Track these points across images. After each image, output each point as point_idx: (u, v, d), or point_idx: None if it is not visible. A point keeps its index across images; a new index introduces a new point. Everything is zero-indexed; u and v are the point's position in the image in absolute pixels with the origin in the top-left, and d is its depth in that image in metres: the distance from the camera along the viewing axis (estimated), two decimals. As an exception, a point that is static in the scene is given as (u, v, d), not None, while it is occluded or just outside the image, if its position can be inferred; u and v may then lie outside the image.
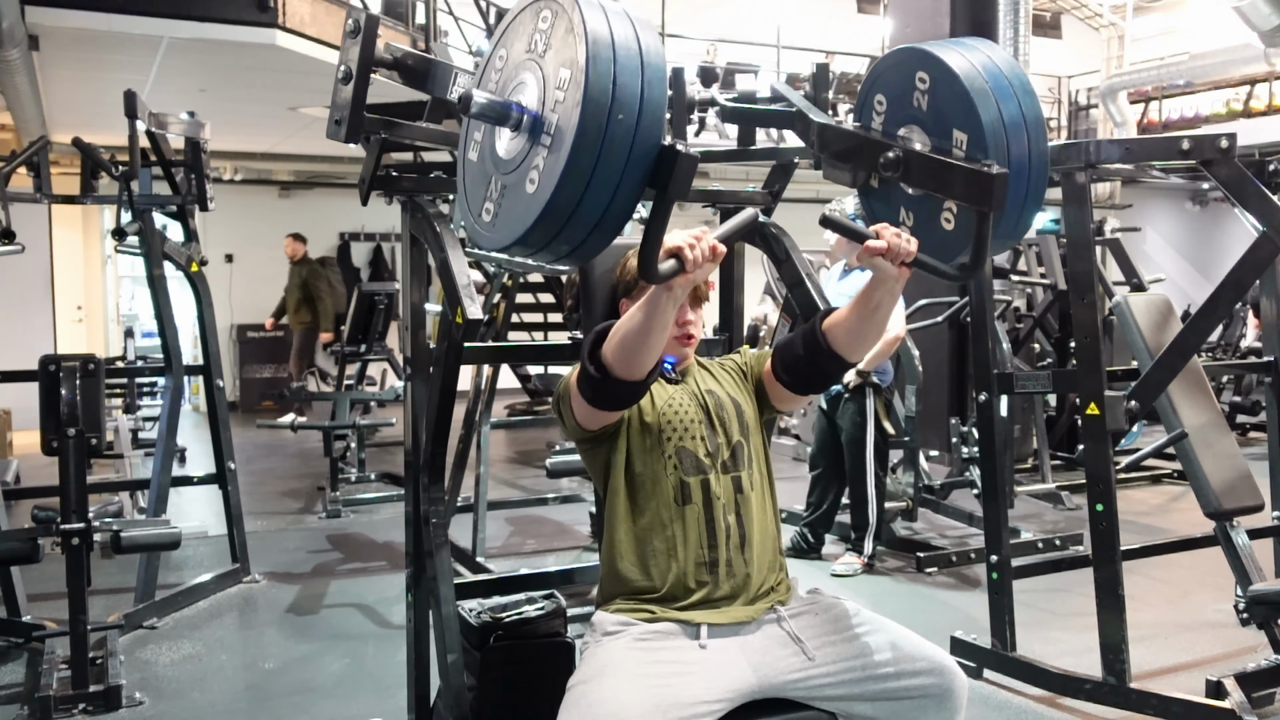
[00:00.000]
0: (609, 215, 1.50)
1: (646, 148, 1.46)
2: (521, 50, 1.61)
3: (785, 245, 2.43)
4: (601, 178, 1.45)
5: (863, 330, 1.85)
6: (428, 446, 2.34)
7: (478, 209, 1.67)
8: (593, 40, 1.44)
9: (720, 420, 1.97)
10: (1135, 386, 2.95)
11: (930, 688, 1.80)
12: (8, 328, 8.70)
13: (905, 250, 1.70)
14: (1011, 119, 1.82)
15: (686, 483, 1.89)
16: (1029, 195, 1.87)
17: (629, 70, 1.45)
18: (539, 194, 1.49)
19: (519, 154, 1.56)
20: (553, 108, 1.49)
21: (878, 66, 2.04)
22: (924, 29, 7.36)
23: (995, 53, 1.90)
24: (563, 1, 1.52)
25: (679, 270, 1.54)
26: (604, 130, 1.42)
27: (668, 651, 1.79)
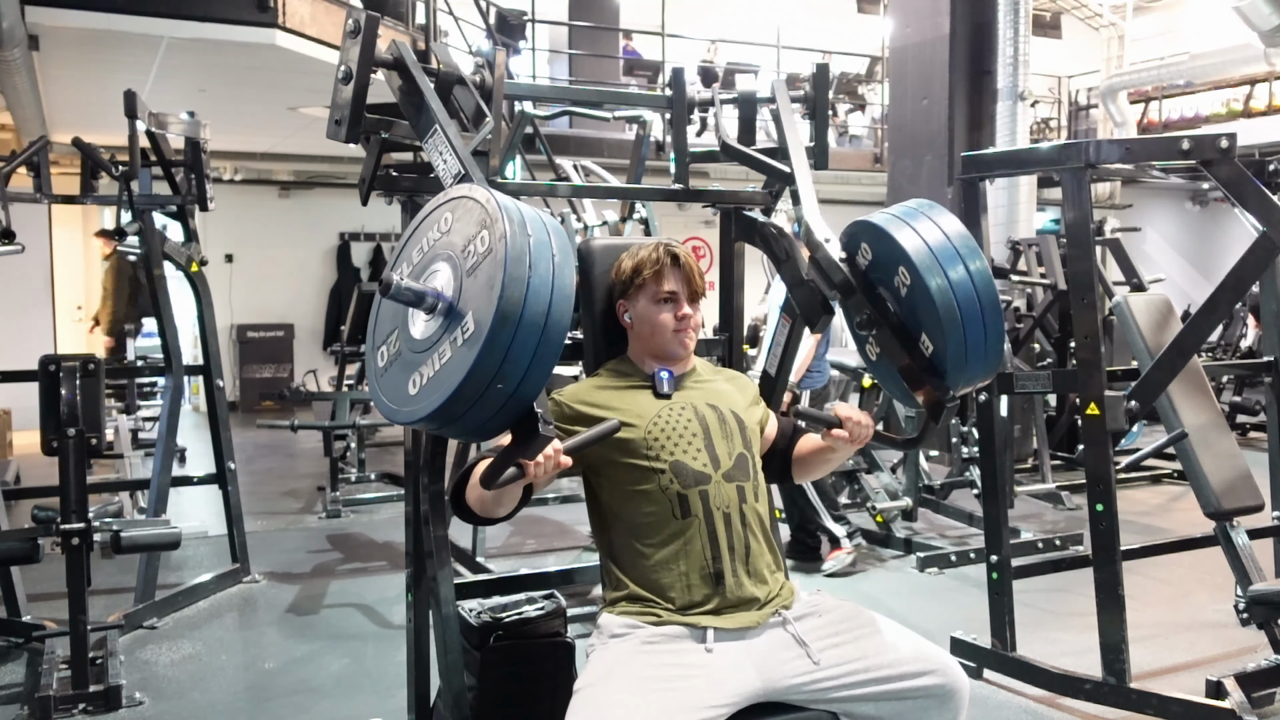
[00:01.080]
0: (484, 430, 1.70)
1: (521, 408, 1.65)
2: (444, 243, 1.74)
3: (785, 245, 2.42)
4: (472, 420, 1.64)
5: (814, 472, 2.19)
6: (428, 446, 2.34)
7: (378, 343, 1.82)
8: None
9: (723, 431, 1.98)
10: (1135, 386, 2.95)
11: (933, 689, 1.81)
12: (8, 328, 8.70)
13: (864, 436, 1.96)
14: (975, 345, 1.94)
15: (685, 495, 1.89)
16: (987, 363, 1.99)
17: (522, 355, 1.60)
18: (441, 381, 1.63)
19: (431, 337, 1.69)
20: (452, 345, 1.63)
21: (870, 227, 2.08)
22: (924, 29, 7.36)
23: (974, 265, 1.97)
24: (489, 210, 1.65)
25: (519, 477, 1.66)
26: (483, 391, 1.59)
27: (674, 655, 1.79)
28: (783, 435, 2.15)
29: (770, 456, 2.13)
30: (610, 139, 8.90)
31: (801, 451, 2.13)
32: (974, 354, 1.95)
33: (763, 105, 2.61)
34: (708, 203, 2.62)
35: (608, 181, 4.48)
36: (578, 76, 10.10)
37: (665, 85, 8.91)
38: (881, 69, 11.19)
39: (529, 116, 3.24)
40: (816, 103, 2.64)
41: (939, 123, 7.28)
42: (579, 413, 1.95)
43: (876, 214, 2.10)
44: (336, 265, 11.41)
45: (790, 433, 2.15)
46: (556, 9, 10.31)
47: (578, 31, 10.32)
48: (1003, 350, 2.03)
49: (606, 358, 2.16)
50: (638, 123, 3.59)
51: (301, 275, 11.25)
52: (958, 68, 7.25)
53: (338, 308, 10.86)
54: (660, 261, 2.05)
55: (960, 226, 2.02)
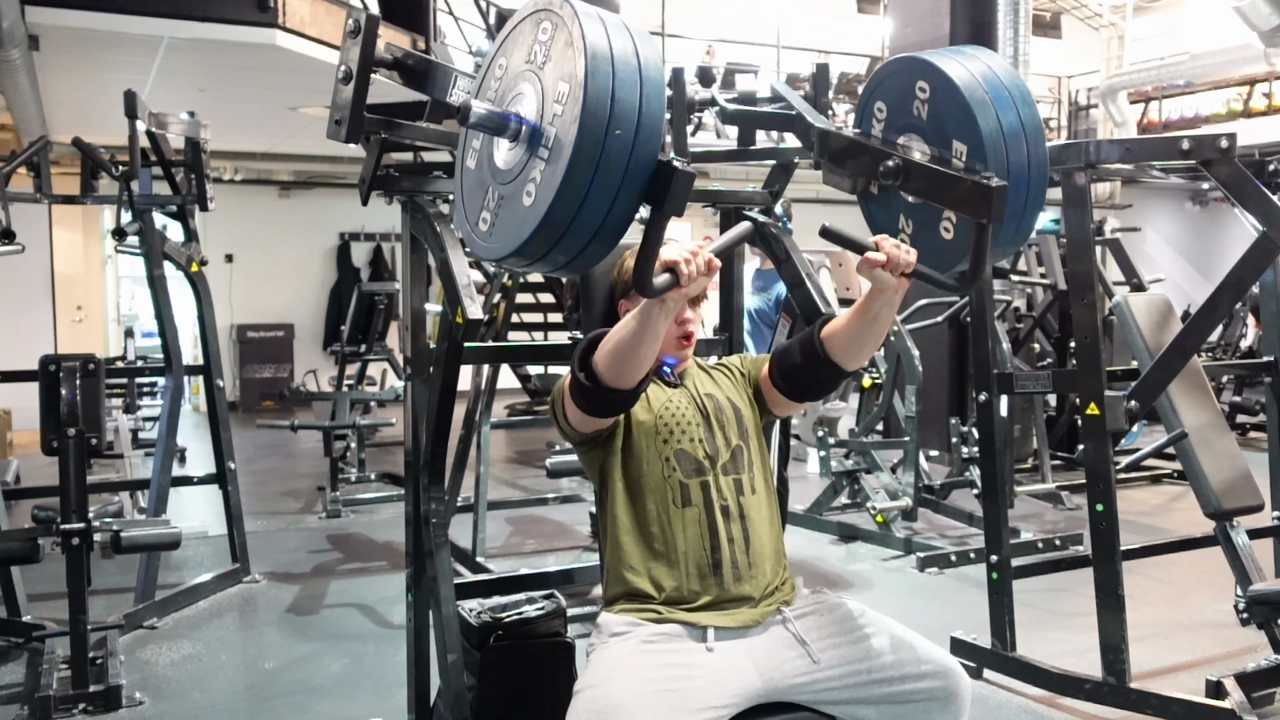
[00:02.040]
0: (605, 228, 1.50)
1: (644, 163, 1.47)
2: (521, 60, 1.61)
3: (785, 245, 2.43)
4: (598, 191, 1.46)
5: (862, 338, 1.86)
6: (428, 446, 2.34)
7: (475, 218, 1.68)
8: (591, 55, 1.44)
9: (719, 423, 1.97)
10: (1135, 386, 2.95)
11: (935, 690, 1.80)
12: (8, 328, 8.70)
13: (904, 261, 1.71)
14: (1010, 128, 1.83)
15: (686, 485, 1.89)
16: (1029, 202, 1.88)
17: (627, 85, 1.45)
18: (536, 205, 1.50)
19: (517, 165, 1.56)
20: (551, 120, 1.50)
21: (878, 74, 2.04)
22: (924, 29, 7.36)
23: (994, 61, 1.90)
24: (563, 14, 1.52)
25: (674, 284, 1.56)
26: (601, 145, 1.43)
27: (675, 654, 1.79)
28: (789, 348, 1.99)
29: (791, 368, 1.96)
30: (610, 139, 8.89)
31: (833, 328, 1.90)
32: (1012, 138, 1.82)
33: (762, 106, 2.61)
34: (708, 203, 2.62)
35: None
36: (578, 76, 10.08)
37: (665, 85, 8.89)
38: (881, 69, 11.18)
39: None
40: (816, 103, 2.64)
41: (939, 123, 7.28)
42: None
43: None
44: (336, 265, 11.41)
45: (805, 339, 1.95)
46: (556, 9, 10.29)
47: (578, 31, 10.31)
48: (1044, 138, 1.88)
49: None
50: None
51: (301, 275, 11.25)
52: (958, 68, 7.25)
53: (338, 308, 10.87)
54: None
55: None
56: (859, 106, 2.08)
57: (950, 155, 1.87)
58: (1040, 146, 1.87)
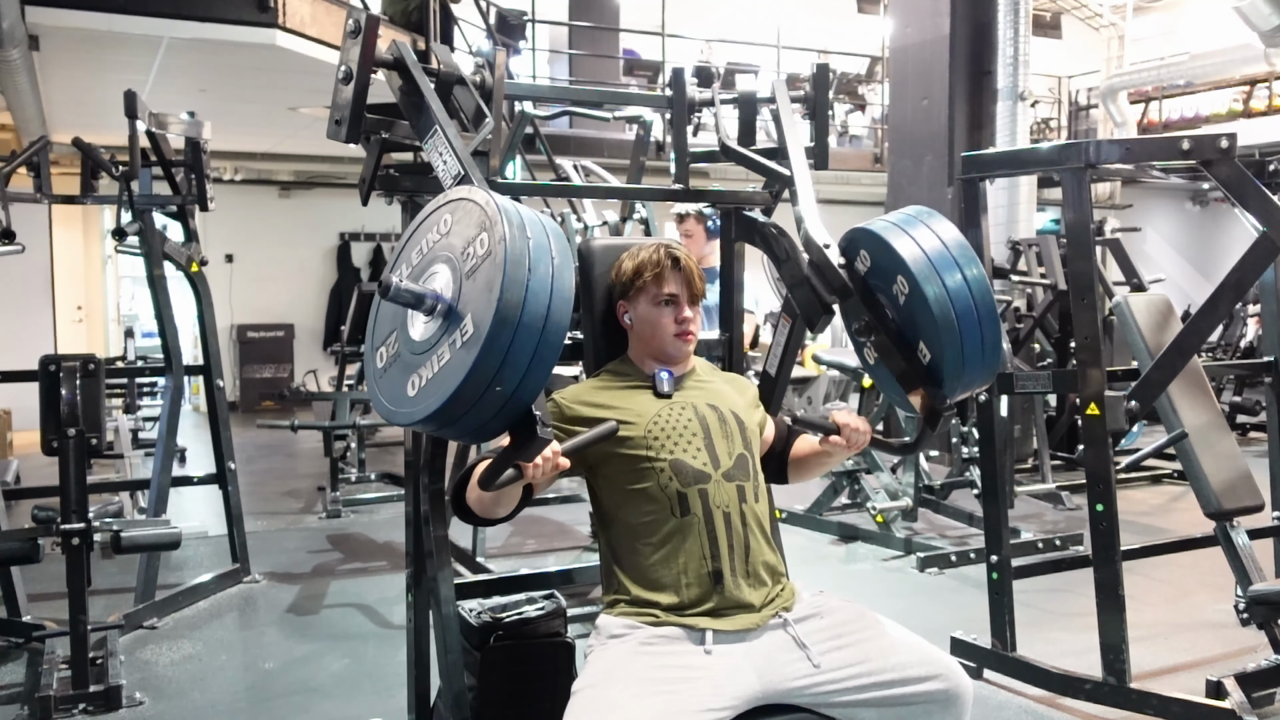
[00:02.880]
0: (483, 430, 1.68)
1: (519, 405, 1.63)
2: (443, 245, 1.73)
3: (785, 245, 2.42)
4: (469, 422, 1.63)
5: (809, 473, 2.22)
6: (428, 446, 2.34)
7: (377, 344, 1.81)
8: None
9: (723, 431, 1.98)
10: (1135, 386, 2.95)
11: (936, 694, 1.80)
12: (8, 328, 8.70)
13: (861, 442, 1.99)
14: (972, 352, 1.95)
15: (684, 494, 1.89)
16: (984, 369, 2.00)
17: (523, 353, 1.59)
18: (444, 381, 1.62)
19: (430, 339, 1.68)
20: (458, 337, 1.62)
21: (868, 234, 2.07)
22: (924, 29, 7.36)
23: (971, 273, 1.96)
24: (496, 247, 1.62)
25: (517, 479, 1.67)
26: (480, 396, 1.58)
27: (674, 657, 1.79)
28: (779, 438, 2.16)
29: (767, 458, 2.14)
30: (610, 139, 8.90)
31: (798, 454, 2.15)
32: (971, 362, 1.96)
33: (763, 105, 2.61)
34: (708, 203, 2.62)
35: (608, 181, 4.48)
36: (578, 76, 10.10)
37: (665, 85, 8.91)
38: (881, 69, 11.19)
39: (529, 116, 3.24)
40: (816, 103, 2.64)
41: (939, 123, 7.29)
42: (578, 414, 1.95)
43: (875, 221, 2.10)
44: (336, 265, 11.41)
45: (786, 435, 2.16)
46: (556, 9, 10.31)
47: (578, 31, 10.32)
48: (1000, 358, 2.04)
49: (606, 358, 2.16)
50: (638, 123, 3.60)
51: (301, 275, 11.25)
52: (958, 68, 7.25)
53: (338, 308, 10.87)
54: (661, 264, 2.05)
55: (958, 234, 2.03)
56: (845, 239, 2.14)
57: (916, 351, 2.02)
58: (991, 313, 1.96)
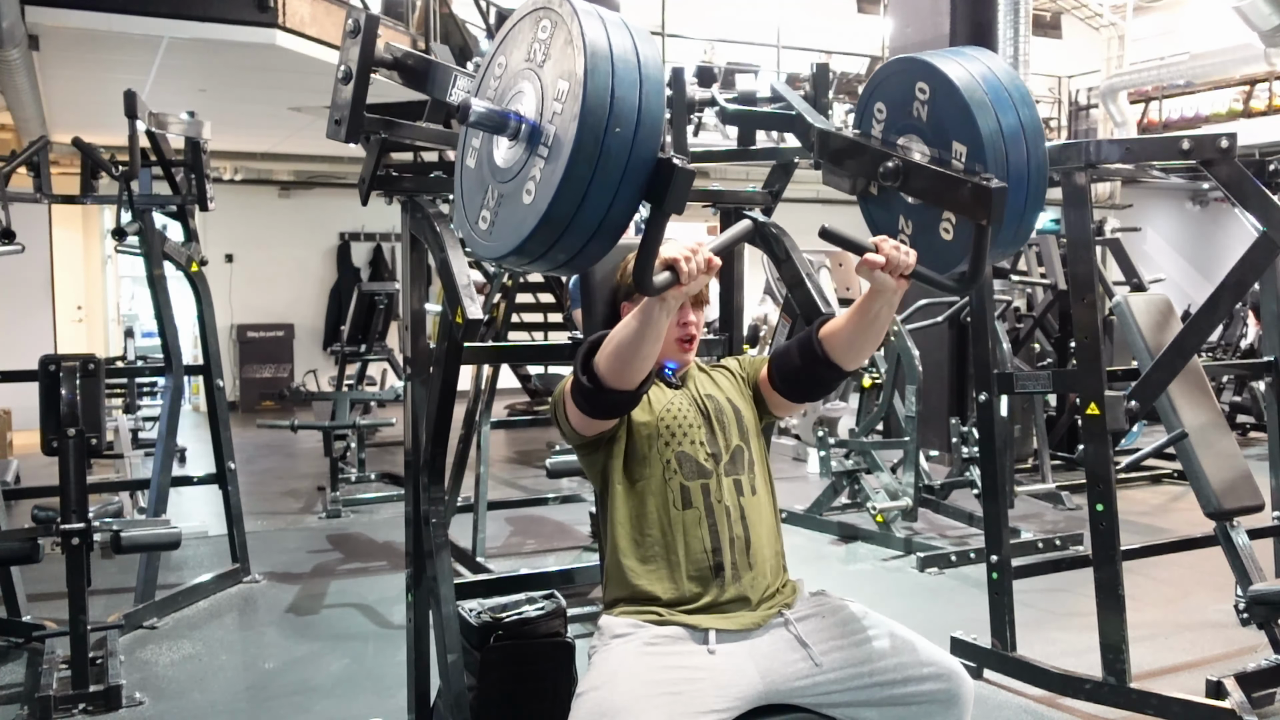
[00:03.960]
0: (605, 226, 1.50)
1: (643, 160, 1.47)
2: (521, 59, 1.61)
3: (785, 245, 2.42)
4: (598, 189, 1.46)
5: (860, 339, 1.86)
6: (428, 446, 2.34)
7: (475, 216, 1.68)
8: (591, 52, 1.44)
9: (720, 424, 1.97)
10: (1135, 386, 2.95)
11: (937, 693, 1.80)
12: (8, 328, 8.70)
13: (904, 263, 1.71)
14: (1010, 129, 1.83)
15: (687, 487, 1.89)
16: (1029, 203, 1.88)
17: (627, 83, 1.45)
18: (536, 204, 1.50)
19: (516, 163, 1.56)
20: (550, 118, 1.50)
21: (878, 75, 2.04)
22: (924, 29, 7.36)
23: (994, 63, 1.91)
24: (562, 11, 1.52)
25: (674, 282, 1.56)
26: (601, 143, 1.43)
27: (677, 657, 1.78)
28: (788, 349, 1.99)
29: (791, 370, 1.96)
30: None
31: (832, 328, 1.90)
32: (1012, 140, 1.82)
33: (763, 105, 2.61)
34: (708, 203, 2.62)
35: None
36: (578, 76, 10.08)
37: (665, 85, 8.88)
38: (881, 69, 11.17)
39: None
40: (816, 103, 2.64)
41: (939, 123, 7.27)
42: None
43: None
44: (336, 265, 11.41)
45: (804, 340, 1.95)
46: (556, 9, 10.29)
47: (578, 31, 10.31)
48: (1043, 140, 1.88)
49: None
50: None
51: (301, 275, 11.25)
52: (958, 68, 7.24)
53: (338, 308, 10.87)
54: None
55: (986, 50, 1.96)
56: (858, 107, 2.08)
57: (950, 156, 1.87)
58: (1040, 147, 1.87)
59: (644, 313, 1.64)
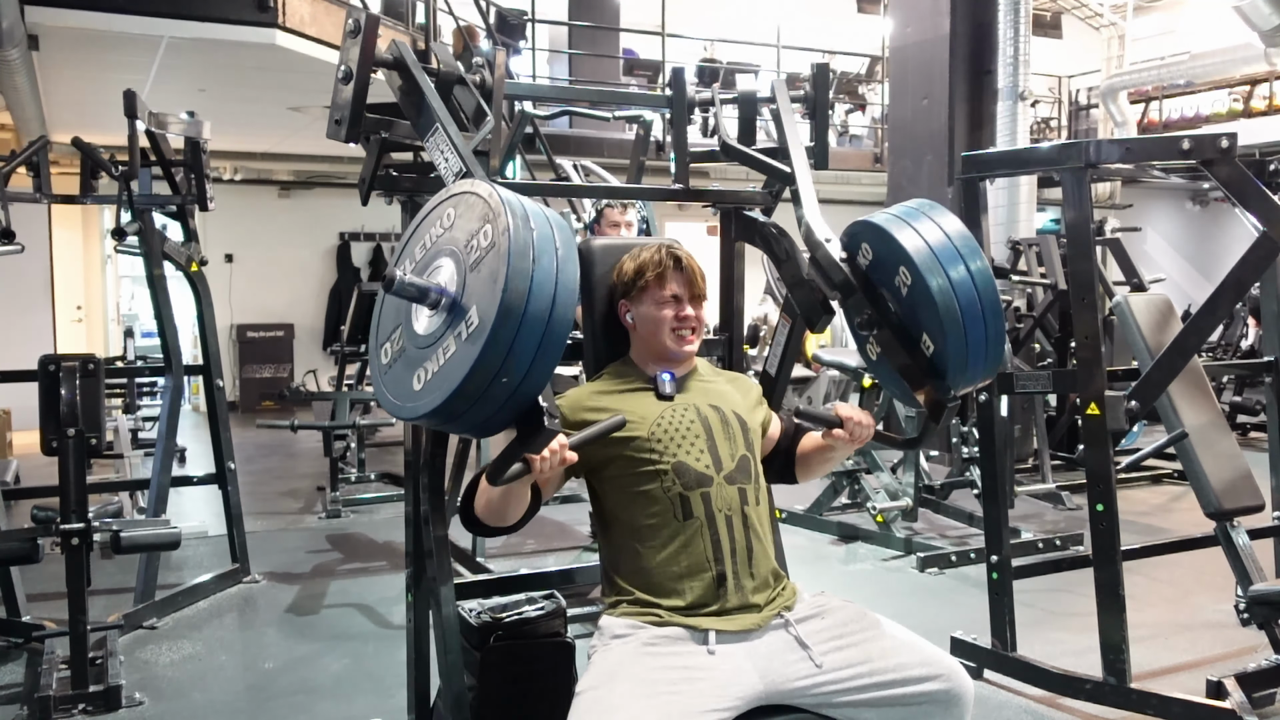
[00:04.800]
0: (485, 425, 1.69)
1: (525, 399, 1.65)
2: (450, 239, 1.74)
3: (785, 245, 2.42)
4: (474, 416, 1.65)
5: (815, 471, 2.18)
6: (428, 446, 2.34)
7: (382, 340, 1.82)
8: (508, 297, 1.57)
9: (726, 433, 1.97)
10: (1135, 386, 2.95)
11: (937, 694, 1.80)
12: (8, 328, 8.70)
13: (864, 436, 1.97)
14: (976, 345, 1.94)
15: (687, 497, 1.88)
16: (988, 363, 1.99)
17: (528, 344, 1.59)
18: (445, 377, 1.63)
19: (435, 333, 1.69)
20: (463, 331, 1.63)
21: (871, 226, 2.07)
22: (924, 29, 7.36)
23: (975, 265, 1.96)
24: (499, 225, 1.63)
25: (524, 473, 1.67)
26: (486, 388, 1.60)
27: (677, 657, 1.79)
28: (785, 435, 2.14)
29: (773, 456, 2.13)
30: (610, 139, 8.90)
31: (804, 450, 2.13)
32: (975, 354, 1.94)
33: (763, 105, 2.60)
34: (708, 203, 2.62)
35: (608, 181, 4.47)
36: (578, 76, 10.10)
37: (665, 85, 8.90)
38: (881, 69, 11.19)
39: (529, 116, 3.24)
40: (816, 103, 2.64)
41: (939, 123, 7.28)
42: (581, 419, 1.94)
43: (877, 214, 2.09)
44: (336, 265, 11.40)
45: (793, 432, 2.14)
46: (556, 9, 10.31)
47: (577, 31, 10.32)
48: (1004, 351, 2.03)
49: (608, 358, 2.16)
50: (638, 123, 3.59)
51: (301, 275, 11.25)
52: (958, 68, 7.25)
53: (338, 308, 10.86)
54: (663, 264, 2.05)
55: (961, 226, 2.02)
56: (847, 233, 2.13)
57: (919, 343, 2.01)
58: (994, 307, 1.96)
59: (499, 489, 1.75)
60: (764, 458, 2.09)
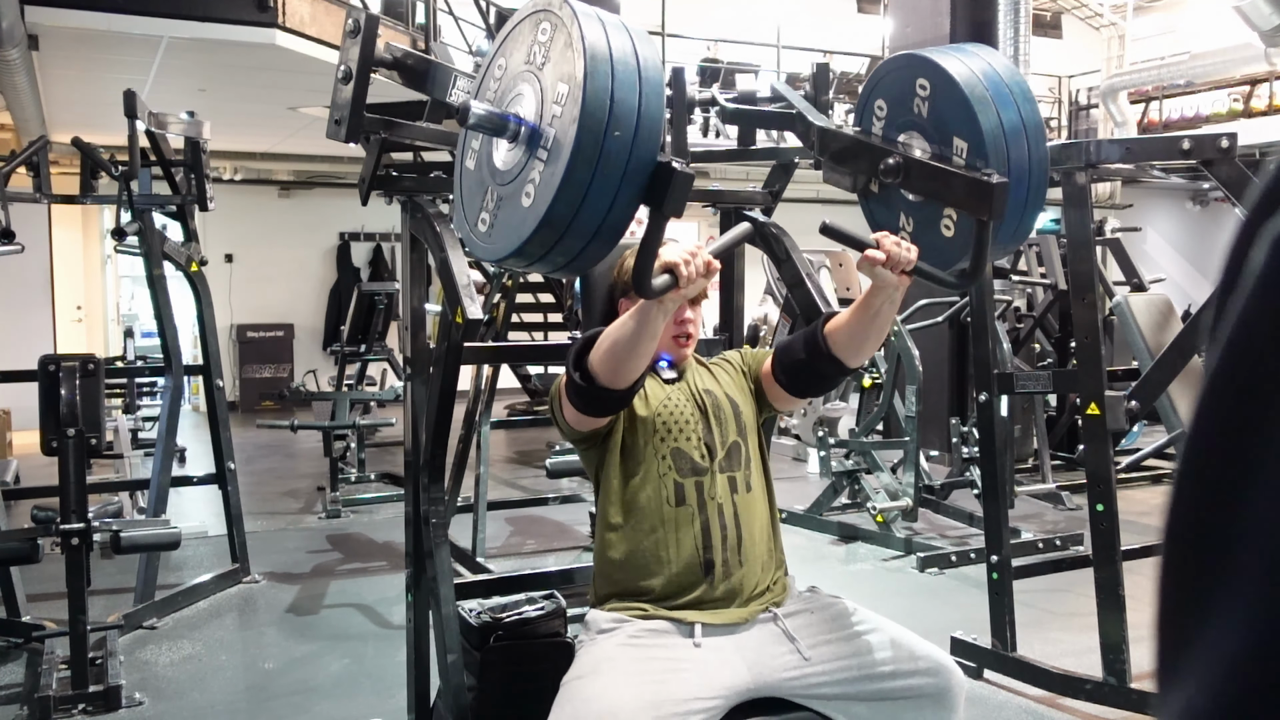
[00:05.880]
0: (604, 228, 1.50)
1: (643, 163, 1.47)
2: (520, 61, 1.61)
3: (785, 245, 2.42)
4: (597, 192, 1.45)
5: (863, 335, 1.85)
6: (428, 446, 2.34)
7: (474, 218, 1.68)
8: (590, 56, 1.44)
9: (717, 419, 1.97)
10: (1136, 386, 2.95)
11: (927, 687, 1.80)
12: (8, 328, 8.70)
13: (905, 259, 1.71)
14: (1011, 125, 1.83)
15: (681, 484, 1.89)
16: (1029, 200, 1.88)
17: (626, 86, 1.45)
18: (535, 206, 1.50)
19: (516, 166, 1.56)
20: (550, 121, 1.50)
21: (878, 71, 2.04)
22: (924, 29, 7.36)
23: (995, 59, 1.91)
24: (562, 14, 1.52)
25: (672, 285, 1.56)
26: (600, 145, 1.43)
27: (662, 649, 1.79)
28: (793, 343, 1.97)
29: (794, 365, 1.95)
30: (610, 139, 8.90)
31: (840, 322, 1.88)
32: (1012, 134, 1.81)
33: (762, 105, 2.60)
34: (708, 203, 2.62)
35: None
36: (578, 76, 10.08)
37: (665, 85, 8.86)
38: (881, 69, 11.17)
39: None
40: (816, 103, 2.64)
41: (939, 122, 7.28)
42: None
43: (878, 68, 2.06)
44: (336, 265, 11.41)
45: (809, 334, 1.93)
46: (556, 9, 10.29)
47: (578, 31, 10.31)
48: (1043, 130, 1.87)
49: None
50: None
51: (301, 275, 11.25)
52: (958, 67, 7.25)
53: (338, 308, 10.86)
54: None
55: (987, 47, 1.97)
56: (859, 104, 2.08)
57: (951, 153, 1.87)
58: (1041, 144, 1.88)
59: (641, 313, 1.64)
60: (784, 375, 1.97)
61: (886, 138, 1.99)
